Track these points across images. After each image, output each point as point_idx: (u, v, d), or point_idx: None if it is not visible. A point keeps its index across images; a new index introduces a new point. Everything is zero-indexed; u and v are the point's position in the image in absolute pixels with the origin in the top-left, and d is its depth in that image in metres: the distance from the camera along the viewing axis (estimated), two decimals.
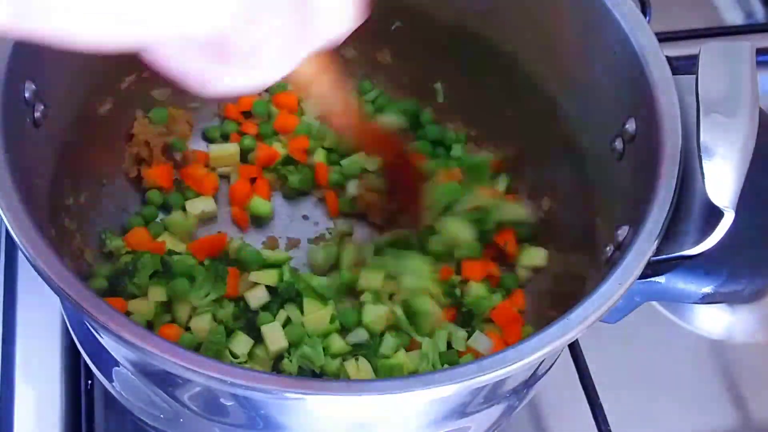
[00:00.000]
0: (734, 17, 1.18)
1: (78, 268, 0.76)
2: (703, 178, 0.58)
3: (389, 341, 0.77)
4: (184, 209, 0.86)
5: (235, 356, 0.76)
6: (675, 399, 0.87)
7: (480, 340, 0.80)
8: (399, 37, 0.90)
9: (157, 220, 0.86)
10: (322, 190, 0.90)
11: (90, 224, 0.80)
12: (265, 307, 0.80)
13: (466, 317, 0.81)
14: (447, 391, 0.53)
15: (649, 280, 0.60)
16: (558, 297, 0.81)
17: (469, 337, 0.80)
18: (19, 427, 0.78)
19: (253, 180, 0.90)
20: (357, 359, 0.76)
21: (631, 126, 0.68)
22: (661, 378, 0.88)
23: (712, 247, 0.58)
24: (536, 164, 0.88)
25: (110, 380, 0.69)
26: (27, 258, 0.55)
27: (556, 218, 0.85)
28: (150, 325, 0.78)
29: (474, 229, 0.84)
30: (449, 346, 0.80)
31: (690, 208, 0.60)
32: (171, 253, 0.81)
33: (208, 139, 0.93)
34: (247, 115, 0.94)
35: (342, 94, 0.69)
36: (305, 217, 0.90)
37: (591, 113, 0.75)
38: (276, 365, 0.77)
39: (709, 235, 0.57)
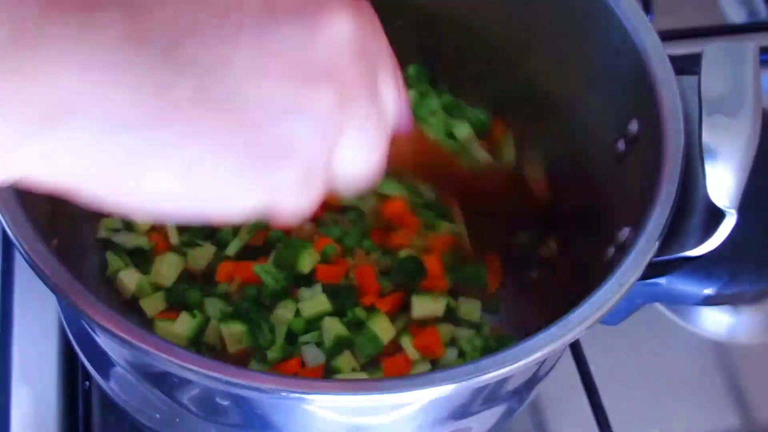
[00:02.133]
0: (738, 16, 1.18)
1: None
2: (705, 178, 0.58)
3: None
4: None
5: None
6: (678, 400, 0.87)
7: None
8: (399, 37, 0.90)
9: None
10: None
11: (90, 222, 0.80)
12: None
13: None
14: (446, 391, 0.53)
15: (650, 281, 0.60)
16: (559, 296, 0.81)
17: None
18: (15, 429, 0.78)
19: None
20: None
21: (633, 127, 0.68)
22: (664, 379, 0.88)
23: (715, 248, 0.57)
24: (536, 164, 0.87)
25: (107, 381, 0.69)
26: (24, 257, 0.55)
27: (557, 218, 0.85)
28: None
29: None
30: None
31: (692, 209, 0.60)
32: None
33: None
34: None
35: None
36: None
37: (592, 113, 0.75)
38: None
39: (712, 236, 0.57)
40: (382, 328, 0.78)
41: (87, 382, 0.79)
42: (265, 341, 0.76)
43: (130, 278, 0.78)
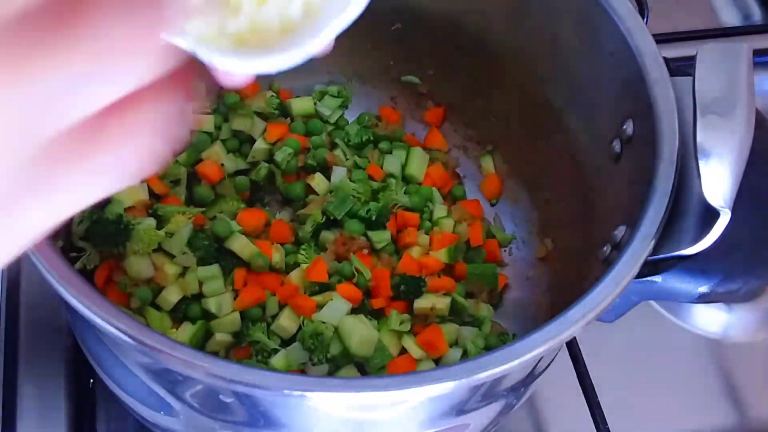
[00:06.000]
0: (732, 18, 1.18)
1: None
2: (699, 178, 0.58)
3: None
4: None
5: None
6: (673, 398, 0.87)
7: None
8: (398, 39, 0.90)
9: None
10: None
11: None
12: None
13: None
14: (445, 388, 0.53)
15: (645, 279, 0.61)
16: (556, 294, 0.81)
17: None
18: (21, 425, 0.79)
19: None
20: None
21: (628, 127, 0.69)
22: (659, 377, 0.88)
23: (709, 246, 0.58)
24: (535, 164, 0.88)
25: (112, 378, 0.69)
26: (29, 254, 0.56)
27: (554, 218, 0.86)
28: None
29: None
30: None
31: (687, 208, 0.61)
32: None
33: None
34: None
35: None
36: None
37: (588, 114, 0.76)
38: None
39: (706, 234, 0.58)
40: (390, 341, 0.79)
41: (92, 379, 0.80)
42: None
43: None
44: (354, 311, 0.80)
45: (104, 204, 0.80)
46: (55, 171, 0.30)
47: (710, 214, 0.58)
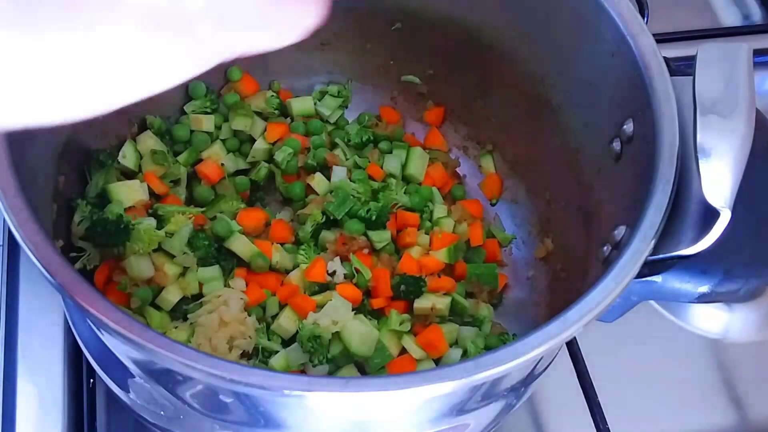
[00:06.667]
0: (732, 18, 1.18)
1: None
2: (699, 178, 0.58)
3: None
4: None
5: None
6: (672, 397, 0.87)
7: None
8: (398, 39, 0.90)
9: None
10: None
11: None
12: None
13: None
14: (445, 388, 0.53)
15: (645, 279, 0.61)
16: (556, 294, 0.82)
17: None
18: (21, 425, 0.79)
19: None
20: None
21: (628, 127, 0.69)
22: (659, 376, 0.89)
23: (709, 247, 0.58)
24: (535, 164, 0.88)
25: (112, 378, 0.69)
26: (29, 254, 0.56)
27: (554, 218, 0.86)
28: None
29: None
30: None
31: (687, 208, 0.61)
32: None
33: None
34: None
35: None
36: None
37: (589, 114, 0.76)
38: None
39: (706, 235, 0.58)
40: (390, 341, 0.79)
41: (92, 380, 0.80)
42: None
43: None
44: (354, 311, 0.80)
45: (104, 204, 0.80)
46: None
47: (710, 214, 0.57)
